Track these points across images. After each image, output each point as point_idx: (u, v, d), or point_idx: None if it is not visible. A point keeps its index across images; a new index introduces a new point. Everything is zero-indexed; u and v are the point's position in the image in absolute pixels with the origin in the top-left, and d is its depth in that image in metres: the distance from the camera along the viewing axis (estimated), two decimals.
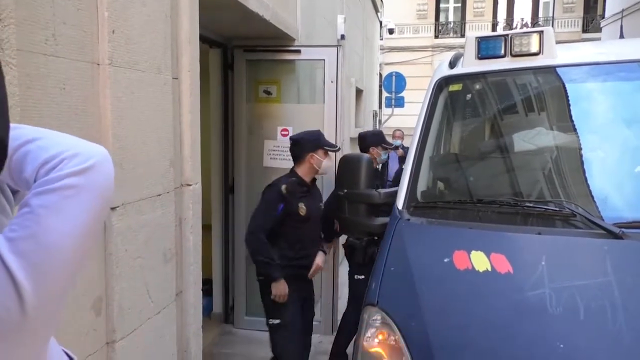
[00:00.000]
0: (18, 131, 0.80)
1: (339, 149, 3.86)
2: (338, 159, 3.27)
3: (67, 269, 0.76)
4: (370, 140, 4.76)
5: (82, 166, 0.76)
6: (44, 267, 0.72)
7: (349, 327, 3.81)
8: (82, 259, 0.79)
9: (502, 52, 2.53)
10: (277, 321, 3.37)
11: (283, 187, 3.30)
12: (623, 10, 11.97)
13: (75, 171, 0.75)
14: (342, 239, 4.31)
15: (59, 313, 0.79)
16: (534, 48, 2.48)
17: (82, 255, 0.78)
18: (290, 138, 3.60)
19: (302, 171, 3.41)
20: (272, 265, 3.28)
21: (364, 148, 4.75)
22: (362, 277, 4.31)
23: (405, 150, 5.35)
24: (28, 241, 0.71)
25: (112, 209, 2.00)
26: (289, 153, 3.56)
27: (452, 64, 2.76)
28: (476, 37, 2.61)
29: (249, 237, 3.37)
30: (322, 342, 4.55)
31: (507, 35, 2.54)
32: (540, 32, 2.49)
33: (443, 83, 2.74)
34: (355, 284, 4.04)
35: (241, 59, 4.61)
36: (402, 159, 5.49)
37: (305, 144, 3.40)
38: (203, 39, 4.03)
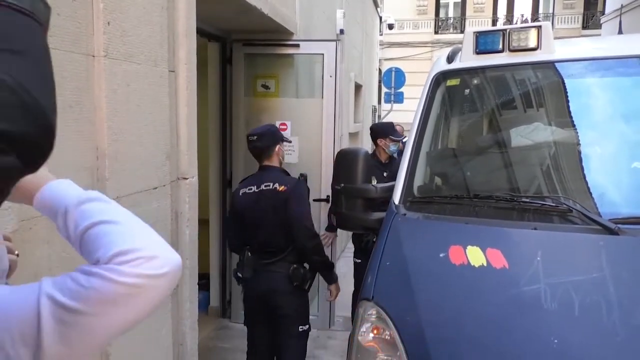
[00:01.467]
0: (103, 205, 0.82)
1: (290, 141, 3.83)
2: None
3: (90, 351, 0.76)
4: (378, 131, 4.84)
5: (155, 272, 0.75)
6: (72, 342, 0.71)
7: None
8: (105, 345, 0.79)
9: (500, 47, 2.52)
10: (307, 327, 3.23)
11: (302, 178, 3.23)
12: (622, 7, 11.95)
13: (147, 274, 0.74)
14: None
15: None
16: (532, 43, 2.47)
17: (108, 342, 0.80)
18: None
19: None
20: (331, 265, 3.26)
21: (373, 139, 4.90)
22: (359, 260, 4.51)
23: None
24: (70, 314, 0.70)
25: None
26: (287, 147, 3.56)
27: (450, 59, 2.76)
28: (474, 32, 2.60)
29: (315, 239, 3.15)
30: (319, 336, 4.56)
31: (505, 30, 2.53)
32: (539, 27, 2.48)
33: (441, 78, 2.73)
34: (356, 267, 4.52)
35: (240, 52, 4.60)
36: (401, 153, 5.56)
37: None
38: (201, 32, 4.02)
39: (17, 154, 0.59)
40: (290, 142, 3.74)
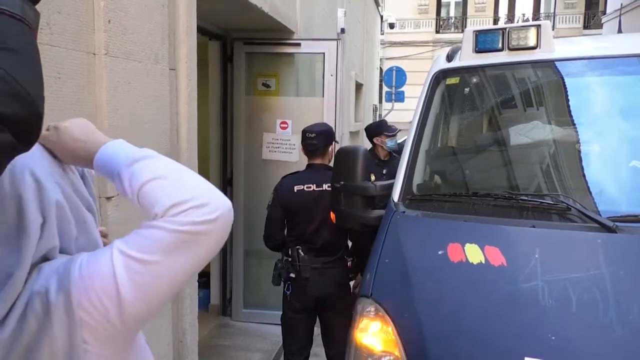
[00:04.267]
0: (154, 162, 0.90)
1: None
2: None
3: (162, 297, 0.85)
4: (372, 131, 4.98)
5: (207, 217, 0.83)
6: (144, 290, 0.81)
7: None
8: (177, 289, 0.89)
9: (500, 45, 2.53)
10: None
11: None
12: (622, 6, 11.94)
13: (200, 221, 0.82)
14: None
15: (146, 323, 0.89)
16: (532, 42, 2.48)
17: (179, 287, 0.88)
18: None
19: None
20: None
21: (369, 139, 4.99)
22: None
23: (401, 145, 5.47)
24: (138, 264, 0.80)
25: (108, 198, 2.00)
26: (288, 146, 3.54)
27: (450, 57, 2.76)
28: (474, 31, 2.61)
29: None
30: (319, 335, 4.56)
31: (505, 29, 2.54)
32: (538, 26, 2.49)
33: (440, 76, 2.74)
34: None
35: (241, 51, 4.60)
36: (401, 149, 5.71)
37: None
38: (202, 31, 4.03)
39: (12, 134, 0.69)
40: (338, 142, 3.70)
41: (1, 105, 0.67)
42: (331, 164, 3.41)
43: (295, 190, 3.20)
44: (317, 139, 3.24)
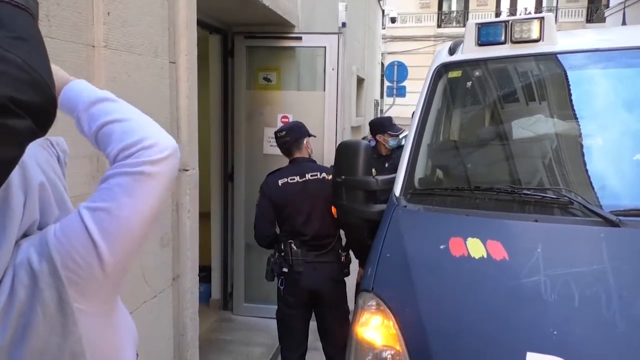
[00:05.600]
0: (109, 104, 0.97)
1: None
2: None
3: (135, 238, 0.91)
4: (376, 127, 4.94)
5: (156, 157, 0.90)
6: (116, 234, 0.87)
7: None
8: (146, 233, 0.94)
9: (502, 38, 2.51)
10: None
11: None
12: (626, 0, 11.89)
13: (150, 160, 0.89)
14: None
15: (125, 274, 0.96)
16: (535, 34, 2.46)
17: (147, 229, 0.93)
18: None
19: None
20: None
21: (372, 135, 4.97)
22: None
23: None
24: (104, 212, 0.87)
25: None
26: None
27: (452, 51, 2.74)
28: (476, 24, 2.58)
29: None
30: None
31: (508, 21, 2.52)
32: (541, 19, 2.47)
33: (442, 70, 2.72)
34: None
35: (241, 45, 4.58)
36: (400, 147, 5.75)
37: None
38: (203, 25, 4.01)
39: (32, 120, 0.73)
40: (315, 136, 3.72)
41: (22, 93, 0.71)
42: (313, 157, 3.44)
43: (280, 184, 3.23)
44: (288, 135, 3.31)
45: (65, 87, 1.01)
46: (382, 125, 4.88)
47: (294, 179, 3.23)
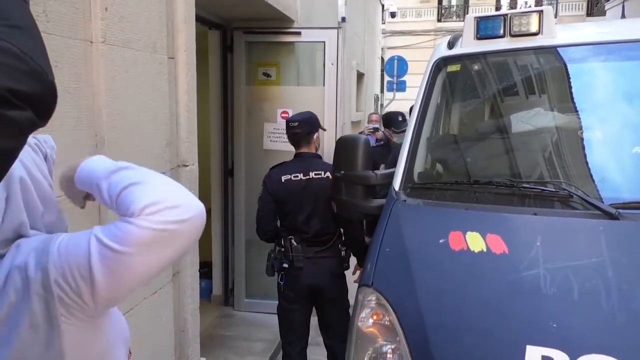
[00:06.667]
0: (130, 171, 0.95)
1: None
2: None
3: (132, 284, 0.90)
4: (385, 120, 5.60)
5: (180, 217, 0.87)
6: (118, 276, 0.85)
7: None
8: (146, 282, 0.92)
9: (501, 32, 2.50)
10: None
11: None
12: None
13: (173, 220, 0.86)
14: None
15: (119, 303, 0.97)
16: (534, 28, 2.45)
17: (148, 279, 0.92)
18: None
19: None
20: None
21: (385, 127, 5.64)
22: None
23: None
24: (114, 253, 0.84)
25: None
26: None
27: (451, 45, 2.73)
28: (475, 17, 2.57)
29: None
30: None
31: (507, 15, 2.51)
32: (540, 12, 2.46)
33: (441, 63, 2.71)
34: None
35: (240, 40, 4.57)
36: (377, 141, 5.99)
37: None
38: (202, 20, 4.00)
39: (32, 110, 0.72)
40: (325, 129, 3.70)
41: (21, 83, 0.69)
42: (319, 152, 3.42)
43: (283, 181, 3.20)
44: (300, 127, 3.23)
45: (81, 164, 1.01)
46: (389, 120, 5.46)
47: (297, 176, 3.20)
